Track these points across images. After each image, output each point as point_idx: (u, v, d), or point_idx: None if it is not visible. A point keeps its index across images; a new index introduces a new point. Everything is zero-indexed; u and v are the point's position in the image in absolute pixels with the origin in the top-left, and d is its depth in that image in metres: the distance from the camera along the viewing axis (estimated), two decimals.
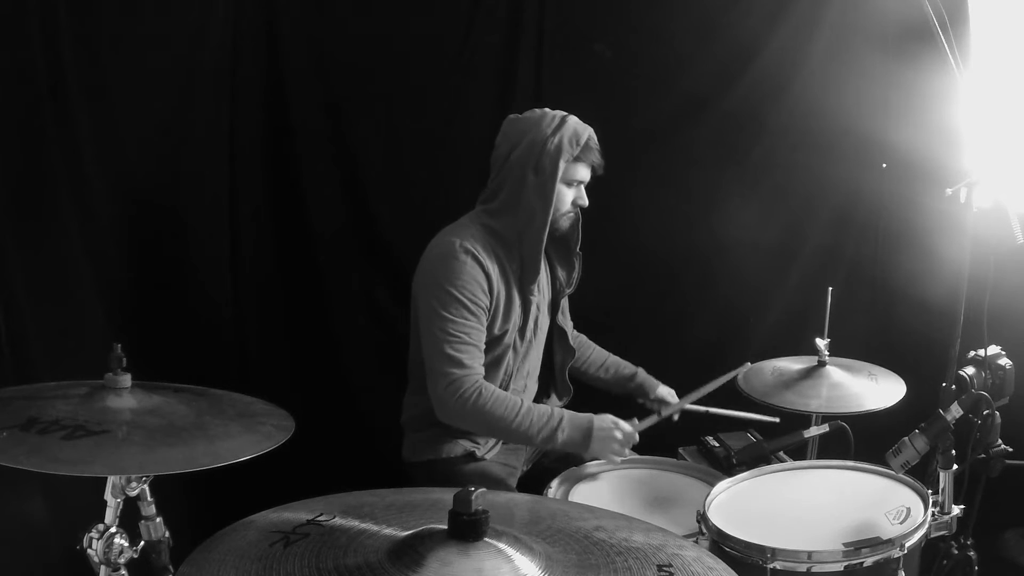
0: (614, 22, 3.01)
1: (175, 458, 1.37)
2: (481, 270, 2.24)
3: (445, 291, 2.21)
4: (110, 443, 1.37)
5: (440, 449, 2.37)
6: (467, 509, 1.10)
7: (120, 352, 1.52)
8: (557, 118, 2.32)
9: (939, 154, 2.69)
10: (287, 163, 2.93)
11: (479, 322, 2.23)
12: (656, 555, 1.18)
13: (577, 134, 2.30)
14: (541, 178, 2.28)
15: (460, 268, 2.22)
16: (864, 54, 3.00)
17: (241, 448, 1.40)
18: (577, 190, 2.36)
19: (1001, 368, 2.11)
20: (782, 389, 2.42)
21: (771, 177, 3.11)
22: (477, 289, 2.23)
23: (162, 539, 1.55)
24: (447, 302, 2.20)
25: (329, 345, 3.03)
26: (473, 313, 2.22)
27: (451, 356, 2.18)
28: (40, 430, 1.36)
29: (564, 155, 2.27)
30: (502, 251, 2.32)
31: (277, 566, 1.10)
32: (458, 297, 2.20)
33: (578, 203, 2.37)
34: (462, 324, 2.20)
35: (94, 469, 1.32)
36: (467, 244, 2.25)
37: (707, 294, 3.16)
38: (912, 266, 2.87)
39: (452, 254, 2.24)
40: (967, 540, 2.21)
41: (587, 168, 2.36)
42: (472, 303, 2.22)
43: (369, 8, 2.89)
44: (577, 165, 2.32)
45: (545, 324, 2.48)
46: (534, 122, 2.31)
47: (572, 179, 2.33)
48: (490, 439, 2.40)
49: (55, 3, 2.42)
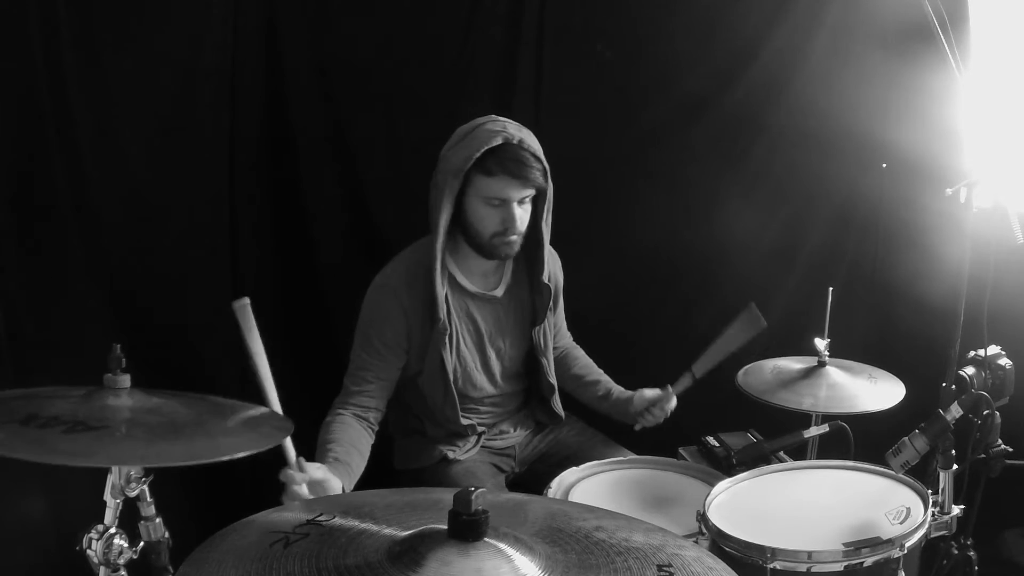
0: (614, 22, 3.01)
1: (176, 451, 1.37)
2: (399, 306, 2.19)
3: (363, 323, 2.23)
4: (110, 438, 1.37)
5: (421, 457, 2.39)
6: (467, 509, 1.10)
7: (119, 353, 1.52)
8: (472, 125, 2.12)
9: (939, 154, 2.69)
10: (287, 163, 2.93)
11: (383, 360, 2.20)
12: (656, 555, 1.18)
13: (478, 144, 2.04)
14: (435, 195, 2.13)
15: (372, 303, 2.23)
16: (864, 54, 3.00)
17: (241, 444, 1.39)
18: (503, 210, 2.10)
19: (1001, 368, 2.11)
20: (782, 389, 2.42)
21: (771, 177, 3.11)
22: (386, 326, 2.19)
23: (162, 539, 1.55)
24: (361, 331, 2.23)
25: (329, 347, 3.03)
26: (378, 351, 2.20)
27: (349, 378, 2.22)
28: (40, 425, 1.36)
29: (453, 169, 2.07)
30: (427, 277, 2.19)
31: (277, 566, 1.10)
32: (364, 331, 2.21)
33: (506, 225, 2.12)
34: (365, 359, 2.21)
35: (96, 460, 1.32)
36: (391, 277, 2.22)
37: (707, 294, 3.16)
38: (912, 266, 2.88)
39: (374, 288, 2.24)
40: (967, 540, 2.21)
41: (509, 184, 2.08)
42: (378, 339, 2.20)
43: (369, 8, 2.89)
44: (490, 180, 2.08)
45: (508, 355, 2.37)
46: (455, 134, 2.15)
47: (488, 195, 2.09)
48: (467, 442, 2.40)
49: (55, 3, 2.42)
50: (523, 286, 2.39)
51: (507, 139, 2.08)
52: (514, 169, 2.07)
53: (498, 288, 2.34)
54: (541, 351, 2.41)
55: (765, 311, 3.16)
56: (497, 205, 2.12)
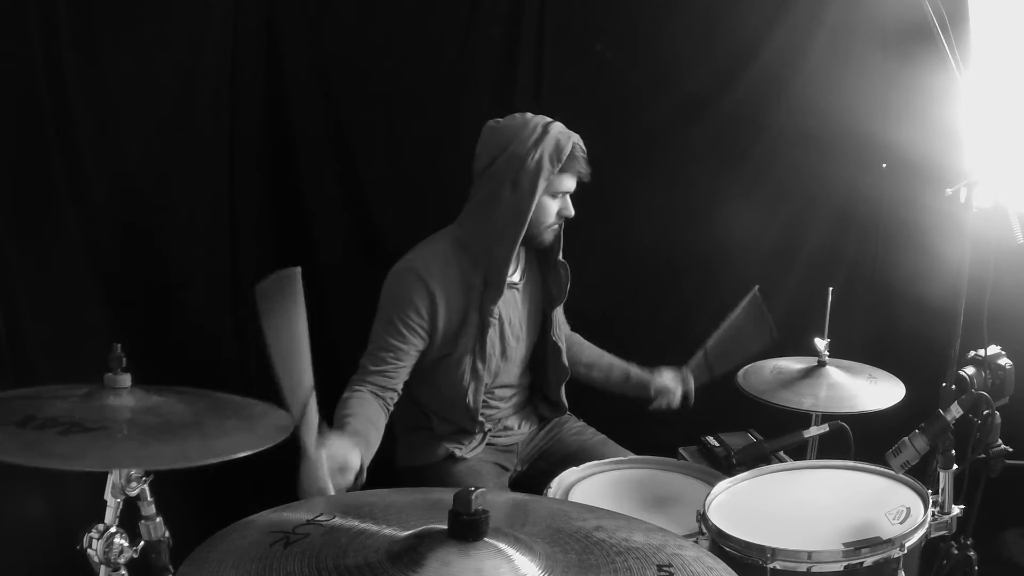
0: (614, 22, 3.01)
1: (168, 453, 1.37)
2: (425, 290, 2.22)
3: (382, 307, 2.25)
4: (106, 440, 1.37)
5: (425, 454, 2.40)
6: (467, 509, 1.10)
7: (120, 352, 1.52)
8: (539, 128, 2.22)
9: (939, 154, 2.69)
10: (287, 163, 2.93)
11: (401, 340, 2.22)
12: (656, 555, 1.18)
13: (560, 147, 2.21)
14: (518, 195, 2.21)
15: (396, 285, 2.25)
16: (864, 54, 3.01)
17: (236, 445, 1.39)
18: (562, 201, 2.29)
19: (1001, 368, 2.10)
20: (782, 389, 2.42)
21: (771, 177, 3.11)
22: (410, 309, 2.21)
23: (162, 539, 1.55)
24: (381, 316, 2.25)
25: (328, 348, 3.03)
26: (397, 329, 2.22)
27: (368, 357, 2.23)
28: (37, 426, 1.36)
29: (544, 172, 2.20)
30: (468, 265, 2.26)
31: (277, 566, 1.10)
32: (386, 313, 2.24)
33: (563, 214, 2.30)
34: (387, 340, 2.22)
35: (87, 463, 1.32)
36: (416, 265, 2.25)
37: (707, 294, 3.16)
38: (912, 266, 2.87)
39: (397, 272, 2.27)
40: (967, 540, 2.21)
41: (572, 178, 2.28)
42: (402, 322, 2.22)
43: (369, 8, 2.89)
44: (562, 176, 2.25)
45: (523, 344, 2.42)
46: (514, 132, 2.22)
47: (556, 191, 2.26)
48: (473, 440, 2.41)
49: (55, 3, 2.42)
50: (535, 272, 2.45)
51: (574, 141, 2.26)
52: (580, 166, 2.27)
53: (515, 274, 2.38)
54: (558, 334, 2.46)
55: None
56: (559, 196, 2.29)
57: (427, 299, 2.22)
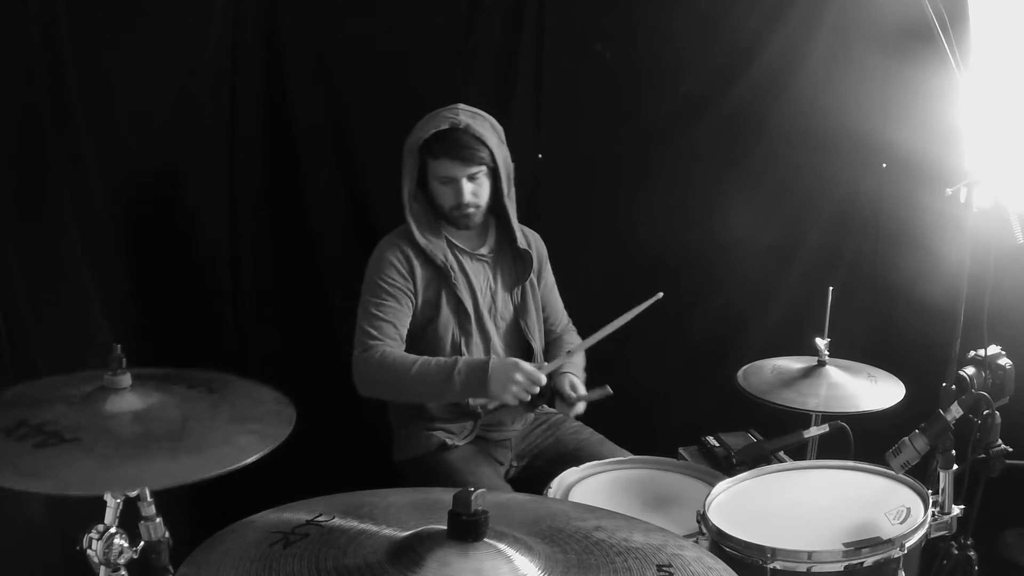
0: (614, 22, 3.01)
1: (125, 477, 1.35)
2: (402, 255, 2.33)
3: (368, 278, 2.34)
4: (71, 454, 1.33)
5: (419, 445, 2.42)
6: (467, 509, 1.10)
7: (119, 353, 1.51)
8: (433, 112, 2.32)
9: (939, 154, 2.69)
10: (287, 163, 2.93)
11: (396, 302, 2.31)
12: (656, 555, 1.18)
13: (429, 128, 2.27)
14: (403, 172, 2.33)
15: (380, 257, 2.35)
16: (864, 54, 3.01)
17: (236, 455, 1.38)
18: (453, 187, 2.30)
19: (1001, 368, 2.10)
20: (782, 389, 2.41)
21: (771, 177, 3.11)
22: (394, 272, 2.32)
23: (162, 539, 1.55)
24: (367, 287, 2.34)
25: (329, 346, 3.03)
26: (390, 293, 2.30)
27: (366, 330, 2.29)
28: (19, 437, 1.35)
29: (409, 149, 2.30)
30: (434, 239, 2.38)
31: (277, 566, 1.10)
32: (376, 281, 2.31)
33: (459, 200, 2.31)
34: (377, 303, 2.30)
35: (44, 485, 1.29)
36: (392, 237, 2.38)
37: (707, 294, 3.16)
38: (912, 266, 2.88)
39: (378, 248, 2.38)
40: (967, 540, 2.21)
41: (450, 164, 2.28)
42: (389, 284, 2.31)
43: (369, 8, 2.89)
44: (436, 162, 2.29)
45: (502, 321, 2.48)
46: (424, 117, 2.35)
47: (437, 175, 2.31)
48: (464, 428, 2.42)
49: (55, 3, 2.42)
50: (506, 251, 2.50)
51: (454, 124, 2.27)
52: (454, 151, 2.27)
53: (483, 248, 2.45)
54: (522, 313, 2.49)
55: (765, 311, 3.18)
56: (447, 183, 2.31)
57: (403, 258, 2.33)
